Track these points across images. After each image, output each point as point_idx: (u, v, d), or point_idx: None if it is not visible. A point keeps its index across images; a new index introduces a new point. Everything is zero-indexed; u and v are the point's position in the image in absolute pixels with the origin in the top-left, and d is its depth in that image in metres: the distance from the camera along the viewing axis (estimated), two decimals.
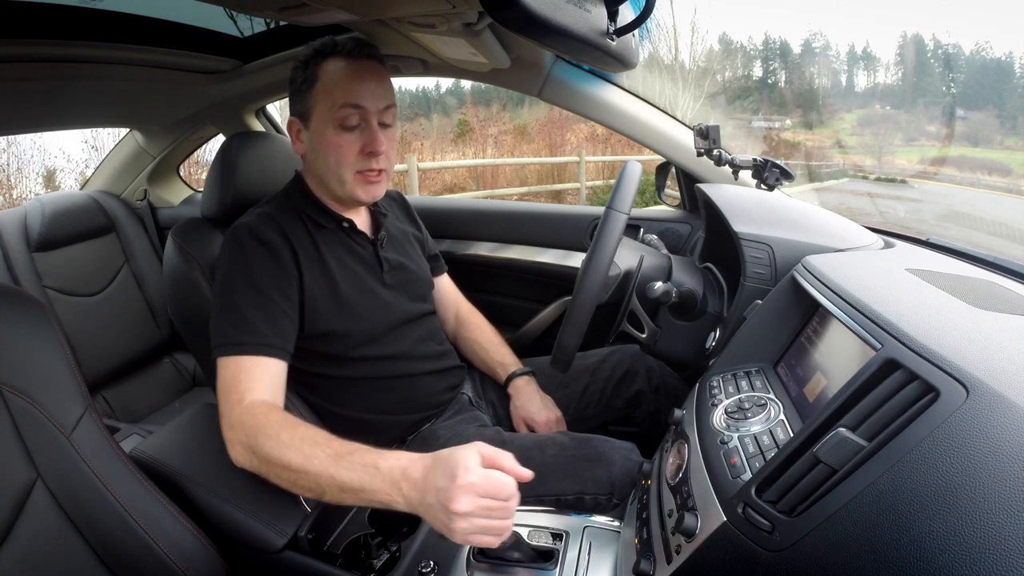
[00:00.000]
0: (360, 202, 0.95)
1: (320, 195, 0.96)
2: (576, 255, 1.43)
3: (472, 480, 0.59)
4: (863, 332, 0.53)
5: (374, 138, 0.89)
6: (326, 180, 0.93)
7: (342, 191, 0.92)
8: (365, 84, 0.88)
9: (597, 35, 0.69)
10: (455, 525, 0.59)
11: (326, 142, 0.89)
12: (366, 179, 0.91)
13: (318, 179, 0.95)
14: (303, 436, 0.70)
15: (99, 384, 1.56)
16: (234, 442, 0.74)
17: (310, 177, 0.97)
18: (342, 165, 0.89)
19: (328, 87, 0.87)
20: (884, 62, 16.92)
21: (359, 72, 0.88)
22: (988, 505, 0.35)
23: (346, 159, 0.89)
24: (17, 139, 6.53)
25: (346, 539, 0.77)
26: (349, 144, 0.89)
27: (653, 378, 1.13)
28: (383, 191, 0.96)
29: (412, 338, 1.01)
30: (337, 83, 0.87)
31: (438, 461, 0.63)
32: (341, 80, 0.87)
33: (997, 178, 8.18)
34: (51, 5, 0.93)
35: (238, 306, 0.82)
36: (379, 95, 0.89)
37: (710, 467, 0.58)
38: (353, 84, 0.87)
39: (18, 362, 0.64)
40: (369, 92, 0.88)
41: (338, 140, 0.88)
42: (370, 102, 0.88)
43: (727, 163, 1.16)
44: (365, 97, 0.87)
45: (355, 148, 0.89)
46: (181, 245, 1.03)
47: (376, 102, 0.88)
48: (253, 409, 0.74)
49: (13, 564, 0.60)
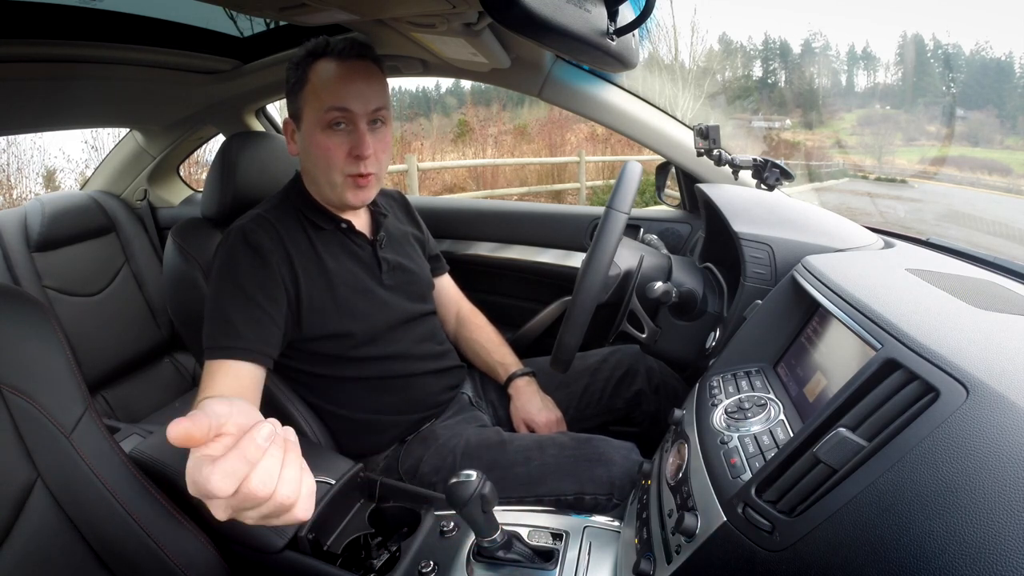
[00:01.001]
0: (350, 206, 0.95)
1: (316, 196, 0.97)
2: (576, 255, 1.43)
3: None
4: (863, 332, 0.53)
5: (361, 141, 0.88)
6: (318, 182, 0.93)
7: (333, 194, 0.92)
8: (353, 86, 0.87)
9: (597, 35, 0.68)
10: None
11: (315, 144, 0.89)
12: (356, 183, 0.91)
13: (312, 181, 0.95)
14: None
15: (99, 384, 1.56)
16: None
17: (306, 178, 0.97)
18: (331, 168, 0.89)
19: (316, 89, 0.87)
20: (884, 62, 16.94)
21: (348, 74, 0.87)
22: (988, 505, 0.35)
23: (334, 162, 0.89)
24: (17, 139, 6.53)
25: (346, 539, 0.77)
26: (337, 147, 0.88)
27: (653, 378, 1.13)
28: (373, 194, 0.95)
29: (411, 338, 1.01)
30: (325, 85, 0.87)
31: None
32: (329, 82, 0.87)
33: (997, 178, 8.18)
34: (51, 5, 0.93)
35: (223, 310, 0.83)
36: (367, 97, 0.88)
37: (710, 467, 0.58)
38: (341, 86, 0.86)
39: (18, 362, 0.64)
40: (357, 94, 0.87)
41: (326, 143, 0.88)
42: (357, 105, 0.87)
43: (727, 163, 1.16)
44: (351, 100, 0.86)
45: (342, 151, 0.88)
46: (181, 245, 1.03)
47: (364, 104, 0.87)
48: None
49: (13, 564, 0.60)
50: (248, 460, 0.38)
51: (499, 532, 0.65)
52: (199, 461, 0.38)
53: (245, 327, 0.82)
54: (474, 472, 0.62)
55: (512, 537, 0.68)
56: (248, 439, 0.39)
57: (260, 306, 0.84)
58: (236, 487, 0.38)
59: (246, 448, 0.38)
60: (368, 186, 0.92)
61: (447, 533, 0.75)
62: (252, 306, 0.83)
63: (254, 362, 0.82)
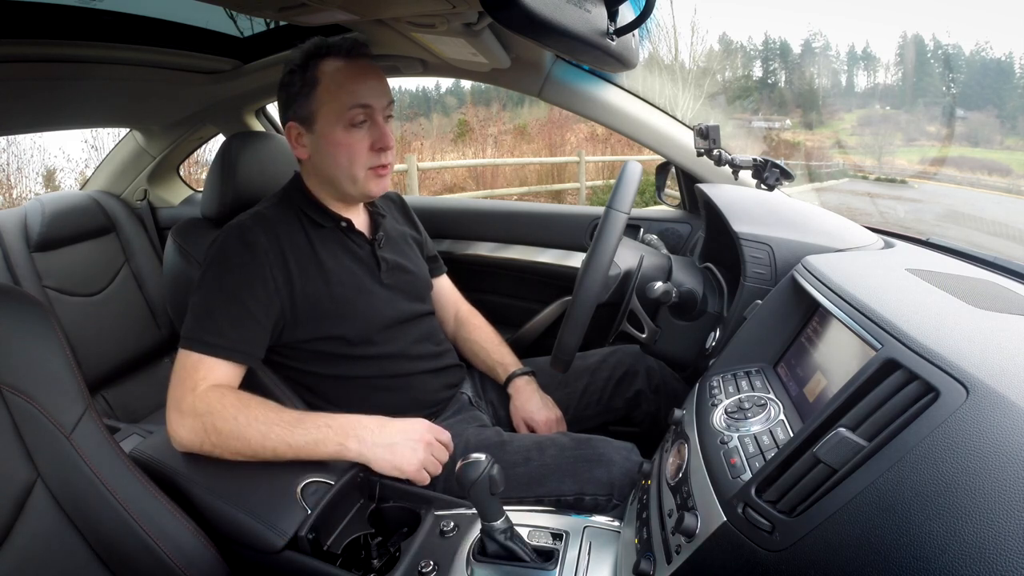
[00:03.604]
0: (371, 196, 0.98)
1: (320, 195, 0.97)
2: (576, 255, 1.43)
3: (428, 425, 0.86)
4: (863, 332, 0.53)
5: (383, 134, 0.91)
6: (337, 180, 0.94)
7: (354, 188, 0.94)
8: (368, 83, 0.90)
9: (597, 35, 0.68)
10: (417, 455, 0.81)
11: (335, 142, 0.90)
12: (377, 173, 0.94)
13: (325, 180, 0.95)
14: (257, 415, 0.78)
15: (99, 384, 1.56)
16: (182, 426, 0.78)
17: (312, 178, 0.97)
18: (355, 163, 0.91)
19: (332, 89, 0.89)
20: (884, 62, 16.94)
21: (361, 72, 0.90)
22: (988, 505, 0.35)
23: (358, 157, 0.91)
24: (17, 139, 6.54)
25: (346, 539, 0.77)
26: (359, 142, 0.91)
27: (653, 378, 1.13)
28: (389, 184, 0.98)
29: (409, 338, 1.01)
30: (342, 84, 0.89)
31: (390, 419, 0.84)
32: (346, 81, 0.89)
33: (997, 178, 8.18)
34: (51, 5, 0.93)
35: (210, 305, 0.84)
36: (381, 92, 0.92)
37: (710, 467, 0.58)
38: (358, 84, 0.89)
39: (18, 362, 0.64)
40: (373, 90, 0.90)
41: (348, 139, 0.90)
42: (376, 100, 0.91)
43: (727, 163, 1.16)
44: (371, 96, 0.90)
45: (365, 145, 0.91)
46: (181, 245, 1.03)
47: (380, 99, 0.91)
48: (207, 395, 0.79)
49: (13, 564, 0.60)
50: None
51: (503, 518, 0.66)
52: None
53: (228, 325, 0.83)
54: (483, 455, 0.64)
55: (513, 527, 0.68)
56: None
57: (245, 305, 0.85)
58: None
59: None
60: (387, 176, 0.96)
61: (447, 533, 0.75)
62: (238, 306, 0.84)
63: (238, 362, 0.84)
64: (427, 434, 0.84)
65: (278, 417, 0.79)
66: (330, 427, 0.80)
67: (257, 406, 0.79)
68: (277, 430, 0.77)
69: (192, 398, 0.79)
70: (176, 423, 0.78)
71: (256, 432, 0.77)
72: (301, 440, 0.78)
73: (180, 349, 0.83)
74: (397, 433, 0.82)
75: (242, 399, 0.80)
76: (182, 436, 0.78)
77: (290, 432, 0.78)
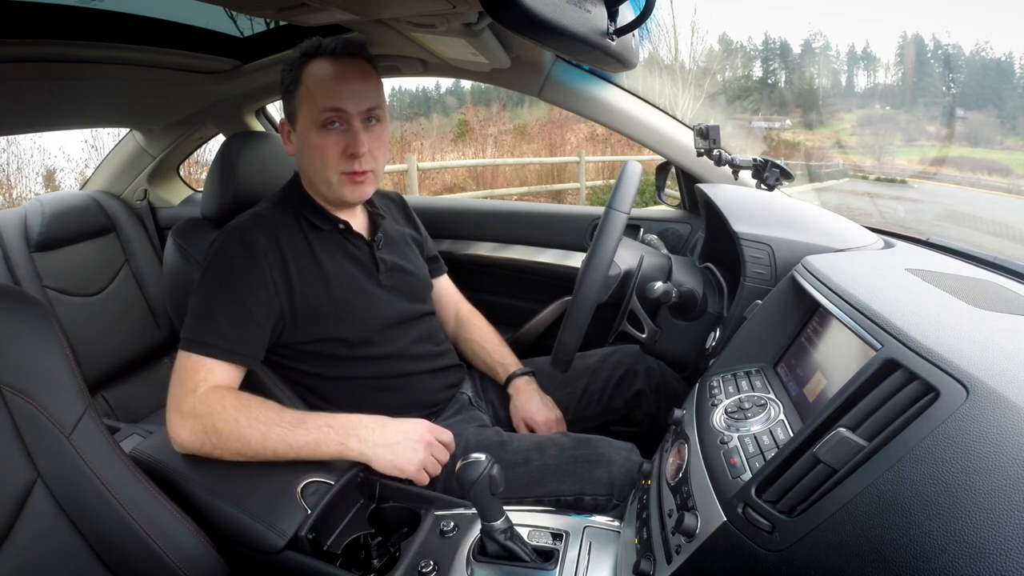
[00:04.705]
0: (348, 203, 0.96)
1: (314, 196, 0.97)
2: (576, 255, 1.43)
3: (429, 425, 0.86)
4: (863, 332, 0.53)
5: (355, 139, 0.89)
6: (315, 181, 0.94)
7: (329, 192, 0.93)
8: (347, 86, 0.88)
9: (597, 35, 0.68)
10: (418, 455, 0.81)
11: (310, 144, 0.90)
12: (351, 180, 0.92)
13: (309, 180, 0.96)
14: (258, 416, 0.78)
15: (99, 384, 1.56)
16: (182, 427, 0.78)
17: (304, 178, 0.98)
18: (327, 167, 0.90)
19: (310, 89, 0.88)
20: (884, 62, 16.95)
21: (341, 73, 0.88)
22: (988, 505, 0.35)
23: (329, 161, 0.90)
24: (17, 139, 6.54)
25: (346, 539, 0.77)
26: (332, 146, 0.89)
27: (653, 378, 1.13)
28: (371, 191, 0.96)
29: (409, 338, 1.02)
30: (319, 85, 0.88)
31: (391, 419, 0.85)
32: (323, 82, 0.88)
33: (997, 178, 8.17)
34: (51, 5, 0.93)
35: (210, 306, 0.84)
36: (361, 96, 0.89)
37: (710, 467, 0.58)
38: (334, 86, 0.88)
39: (18, 362, 0.64)
40: (350, 94, 0.88)
41: (321, 142, 0.89)
42: (351, 104, 0.88)
43: (727, 163, 1.16)
44: (345, 99, 0.88)
45: (337, 150, 0.90)
46: (181, 245, 1.03)
47: (357, 104, 0.89)
48: (207, 397, 0.79)
49: (13, 564, 0.60)
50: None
51: (503, 518, 0.66)
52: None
53: (228, 326, 0.83)
54: (483, 455, 0.64)
55: (513, 527, 0.68)
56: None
57: (245, 306, 0.85)
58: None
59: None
60: (365, 182, 0.93)
61: (447, 533, 0.75)
62: (239, 306, 0.84)
63: (238, 363, 0.84)
64: (428, 434, 0.84)
65: (279, 417, 0.79)
66: (331, 427, 0.80)
67: (257, 407, 0.79)
68: (278, 430, 0.77)
69: (192, 400, 0.79)
70: (176, 425, 0.78)
71: (257, 433, 0.77)
72: (302, 440, 0.78)
73: (180, 350, 0.83)
74: (398, 433, 0.82)
75: (242, 400, 0.80)
76: (183, 438, 0.78)
77: (291, 432, 0.78)
